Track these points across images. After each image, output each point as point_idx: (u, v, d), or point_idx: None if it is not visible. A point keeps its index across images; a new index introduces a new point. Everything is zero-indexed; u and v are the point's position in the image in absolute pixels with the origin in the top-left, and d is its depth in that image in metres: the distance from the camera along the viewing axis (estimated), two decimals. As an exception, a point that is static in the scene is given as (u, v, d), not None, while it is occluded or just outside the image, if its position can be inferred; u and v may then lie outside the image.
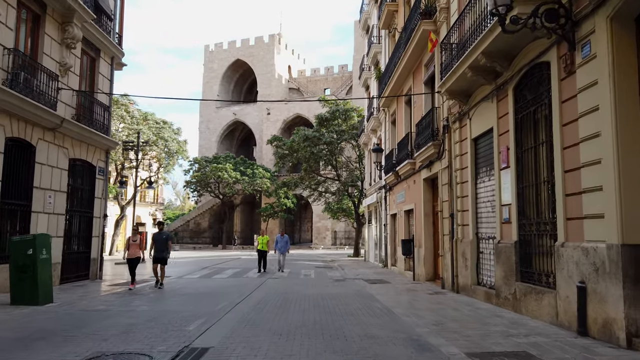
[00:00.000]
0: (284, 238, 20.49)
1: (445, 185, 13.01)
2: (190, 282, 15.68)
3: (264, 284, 14.76)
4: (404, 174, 18.02)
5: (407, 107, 18.76)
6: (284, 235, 20.75)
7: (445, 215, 13.00)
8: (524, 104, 8.64)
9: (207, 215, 70.96)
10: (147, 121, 46.02)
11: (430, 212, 15.39)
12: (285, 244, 20.22)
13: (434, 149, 13.56)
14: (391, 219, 21.83)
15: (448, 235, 12.67)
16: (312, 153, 32.42)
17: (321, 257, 36.56)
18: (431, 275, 15.18)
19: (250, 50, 77.00)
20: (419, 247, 15.92)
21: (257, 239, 20.36)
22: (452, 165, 12.48)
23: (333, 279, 16.98)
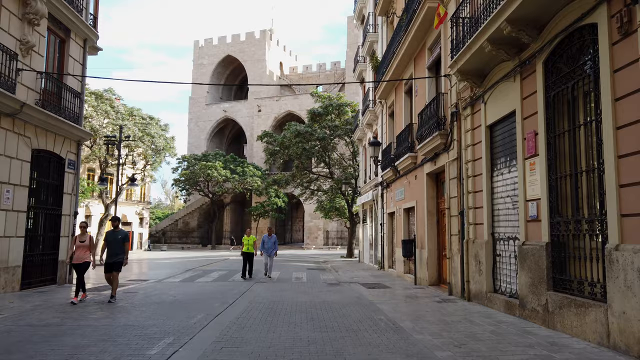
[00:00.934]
0: (272, 238, 17.43)
1: (453, 179, 11.63)
2: (169, 286, 14.18)
3: (250, 290, 13.30)
4: (404, 169, 16.64)
5: (407, 98, 17.38)
6: (271, 234, 17.59)
7: (453, 213, 11.62)
8: (558, 80, 7.26)
9: (196, 215, 69.28)
10: (133, 117, 44.40)
11: (434, 209, 14.02)
12: (273, 245, 17.33)
13: (441, 140, 12.17)
14: (388, 217, 20.44)
15: (457, 235, 11.29)
16: (304, 149, 30.96)
17: (313, 257, 35.14)
18: (435, 279, 13.80)
19: (241, 46, 75.38)
20: (421, 249, 14.54)
21: (243, 240, 17.33)
22: (461, 156, 11.10)
23: (327, 283, 15.56)
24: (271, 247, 17.29)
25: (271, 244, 17.31)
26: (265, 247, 17.33)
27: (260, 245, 17.55)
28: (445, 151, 12.14)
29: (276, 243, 17.49)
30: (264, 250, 17.38)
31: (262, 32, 74.90)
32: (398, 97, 18.46)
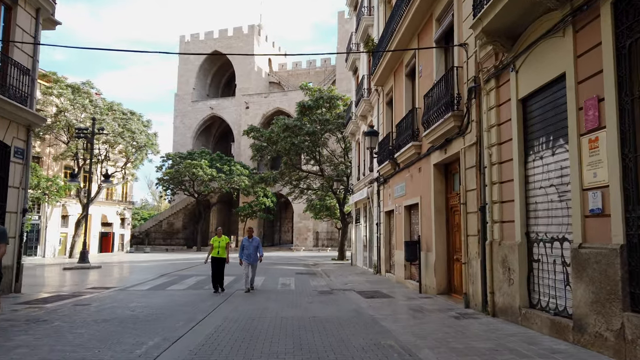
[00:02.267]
0: (254, 242, 13.58)
1: (470, 168, 9.68)
2: (133, 296, 12.07)
3: (227, 301, 11.24)
4: (405, 161, 14.68)
5: (408, 81, 15.43)
6: (252, 237, 13.75)
7: (470, 209, 9.66)
8: (636, 22, 5.33)
9: (181, 215, 66.90)
10: (112, 111, 42.05)
11: (443, 206, 12.06)
12: (255, 251, 13.54)
13: (454, 122, 10.22)
14: (386, 217, 18.48)
15: (476, 236, 9.34)
16: (292, 144, 28.90)
17: (302, 260, 33.11)
18: (444, 287, 11.84)
19: (229, 42, 73.12)
20: (427, 251, 12.58)
21: (211, 241, 13.61)
22: (482, 140, 9.16)
23: (318, 291, 13.55)
24: (253, 252, 13.51)
25: (253, 249, 13.51)
26: (245, 253, 13.45)
27: (240, 251, 13.64)
28: (460, 135, 10.19)
29: (260, 247, 13.70)
30: (244, 257, 13.39)
31: (251, 27, 72.77)
32: (398, 82, 16.51)
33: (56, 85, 38.69)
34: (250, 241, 13.67)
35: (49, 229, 42.78)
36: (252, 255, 13.55)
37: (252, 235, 13.95)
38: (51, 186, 37.73)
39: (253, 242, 13.66)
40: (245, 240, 13.81)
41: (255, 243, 13.69)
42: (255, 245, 13.65)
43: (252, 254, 13.53)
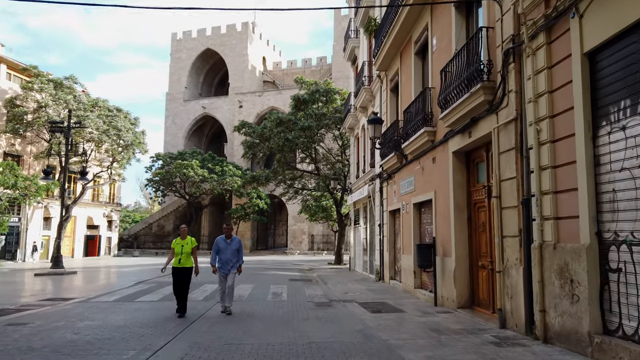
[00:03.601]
0: (233, 243, 9.99)
1: (507, 152, 7.68)
2: (90, 311, 9.98)
3: (202, 318, 9.20)
4: (415, 151, 12.68)
5: (418, 60, 13.45)
6: (231, 236, 10.12)
7: (508, 204, 7.65)
8: None
9: (172, 218, 64.58)
10: (98, 107, 39.87)
11: (464, 202, 10.05)
12: (234, 256, 9.91)
13: (484, 96, 8.22)
14: (390, 217, 16.45)
15: (516, 237, 7.34)
16: (286, 140, 26.81)
17: (297, 264, 31.03)
18: (465, 299, 9.82)
19: (222, 39, 71.06)
20: (444, 256, 10.57)
21: (172, 245, 9.90)
22: (524, 115, 7.17)
23: (314, 303, 11.49)
24: (232, 258, 9.86)
25: (232, 254, 9.86)
26: (221, 259, 9.83)
27: (212, 256, 9.98)
28: (492, 112, 8.18)
29: (241, 251, 10.12)
30: (219, 264, 9.83)
31: (244, 25, 70.72)
32: (405, 63, 14.52)
33: (37, 79, 36.60)
34: (228, 242, 9.93)
35: (29, 232, 40.50)
36: (230, 261, 9.83)
37: (231, 232, 10.20)
38: (30, 186, 35.50)
39: (232, 244, 9.92)
40: (220, 241, 9.95)
41: (235, 245, 9.96)
42: (234, 249, 9.91)
43: (229, 260, 9.82)
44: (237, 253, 10.04)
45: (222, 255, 9.91)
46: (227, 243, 10.01)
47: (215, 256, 9.97)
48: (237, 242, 10.13)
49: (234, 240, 10.12)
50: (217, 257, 9.93)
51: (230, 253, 9.94)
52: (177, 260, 9.76)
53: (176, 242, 9.86)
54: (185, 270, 9.79)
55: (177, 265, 9.76)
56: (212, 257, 10.06)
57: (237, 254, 10.02)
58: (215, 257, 9.97)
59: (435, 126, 11.32)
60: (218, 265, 9.88)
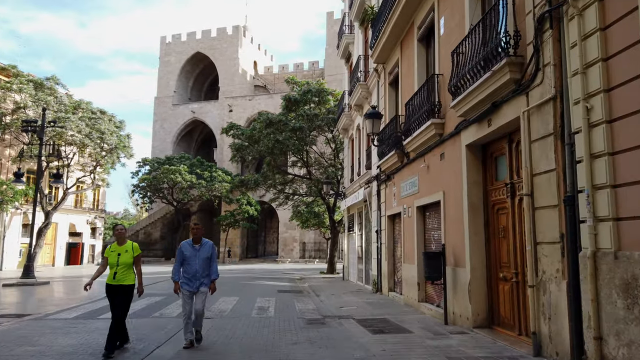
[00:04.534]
0: (203, 249, 7.49)
1: (542, 139, 6.27)
2: (39, 331, 8.42)
3: (168, 342, 7.66)
4: (419, 148, 11.27)
5: (421, 47, 12.08)
6: (201, 239, 7.54)
7: (542, 203, 6.23)
8: None
9: (159, 225, 62.72)
10: (81, 109, 38.19)
11: (480, 202, 8.63)
12: (205, 266, 7.45)
13: (510, 74, 6.81)
14: (389, 222, 15.00)
15: (556, 243, 5.91)
16: (276, 141, 25.33)
17: (288, 273, 29.46)
18: (482, 317, 8.37)
19: (212, 43, 69.69)
20: (456, 266, 9.13)
21: (106, 253, 7.22)
22: (566, 91, 5.78)
23: (305, 320, 9.99)
24: (201, 269, 7.37)
25: (202, 264, 7.39)
26: (187, 271, 7.37)
27: (175, 267, 7.42)
28: (520, 93, 6.78)
29: (214, 260, 7.59)
30: (183, 279, 7.38)
31: (235, 28, 69.44)
32: (406, 52, 13.16)
33: (16, 79, 34.93)
34: (197, 248, 7.39)
35: (7, 239, 38.61)
36: (199, 274, 7.30)
37: (201, 236, 7.52)
38: (6, 190, 33.73)
39: (202, 251, 7.39)
40: (186, 247, 7.42)
41: (206, 252, 7.42)
42: (205, 257, 7.38)
43: (198, 272, 7.30)
44: (210, 263, 7.44)
45: (189, 265, 7.32)
46: (195, 249, 7.38)
47: (178, 267, 7.37)
48: (209, 248, 7.46)
49: (204, 246, 7.44)
50: (182, 269, 7.40)
51: (199, 263, 7.32)
52: (111, 275, 7.03)
53: (110, 250, 7.16)
54: (122, 289, 6.98)
55: (111, 282, 7.01)
56: (174, 268, 7.38)
57: (209, 265, 7.44)
58: (178, 268, 7.37)
59: (444, 117, 9.92)
60: (182, 281, 7.30)
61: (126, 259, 7.06)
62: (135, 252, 7.19)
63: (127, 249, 7.16)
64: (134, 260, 7.13)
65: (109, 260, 7.12)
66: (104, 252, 7.24)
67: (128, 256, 7.09)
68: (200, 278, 7.37)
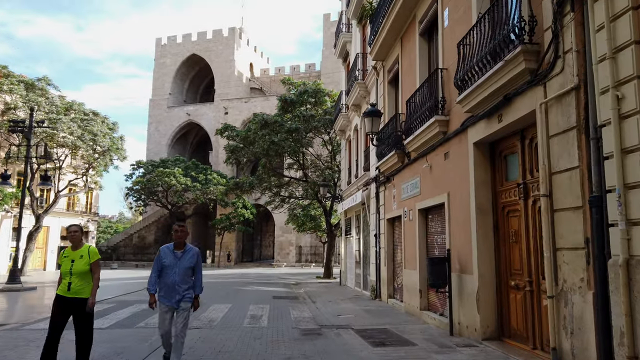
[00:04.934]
0: (186, 256, 6.17)
1: (562, 134, 5.67)
2: (9, 345, 7.77)
3: (152, 356, 7.00)
4: (422, 147, 10.67)
5: (424, 42, 11.50)
6: (184, 244, 6.24)
7: (564, 204, 5.62)
8: None
9: (154, 228, 61.93)
10: (72, 110, 37.51)
11: (489, 204, 8.03)
12: (188, 277, 6.17)
13: (525, 64, 6.21)
14: (388, 225, 14.39)
15: (580, 249, 5.31)
16: (271, 143, 24.69)
17: (283, 278, 28.80)
18: (492, 328, 7.75)
19: (208, 45, 69.06)
20: (462, 273, 8.51)
21: (59, 259, 6.13)
22: (590, 80, 5.19)
23: (300, 330, 9.35)
24: (181, 280, 6.11)
25: (183, 274, 6.13)
26: (166, 282, 6.11)
27: (151, 278, 6.18)
28: (537, 83, 6.18)
29: (199, 270, 6.35)
30: (161, 292, 6.14)
31: (231, 30, 68.85)
32: (407, 48, 12.57)
33: (6, 80, 34.23)
34: (179, 255, 6.12)
35: (-4, 242, 37.84)
36: (180, 287, 6.05)
37: (184, 240, 6.28)
38: (-6, 193, 32.99)
39: (184, 258, 6.12)
40: (165, 253, 6.16)
41: (190, 260, 6.15)
42: (188, 266, 6.12)
43: (179, 284, 6.04)
44: (193, 273, 6.20)
45: (167, 276, 6.04)
46: (175, 256, 6.09)
47: (155, 277, 6.11)
48: (192, 256, 6.19)
49: (188, 253, 6.17)
50: (160, 279, 6.12)
51: (180, 273, 6.05)
52: (65, 286, 5.80)
53: (64, 255, 5.98)
54: (79, 304, 5.79)
55: (64, 294, 5.79)
56: (150, 278, 6.12)
57: (191, 276, 6.18)
58: (155, 278, 6.11)
59: (449, 114, 9.33)
60: (160, 293, 6.06)
61: (80, 267, 5.83)
62: (93, 258, 5.94)
63: (82, 253, 5.92)
64: (91, 267, 5.90)
65: (62, 266, 5.92)
66: (58, 258, 6.15)
67: (83, 263, 5.86)
68: (181, 291, 6.05)
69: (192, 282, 6.24)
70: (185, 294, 6.11)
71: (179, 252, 6.18)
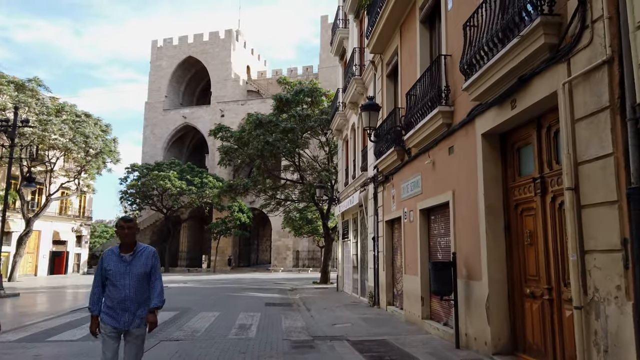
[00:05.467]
0: (138, 260, 4.57)
1: (591, 116, 4.83)
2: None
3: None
4: (424, 141, 9.84)
5: (425, 30, 10.69)
6: (134, 244, 4.62)
7: (593, 199, 4.78)
8: None
9: (149, 233, 60.85)
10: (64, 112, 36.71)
11: (499, 203, 7.19)
12: (142, 287, 4.57)
13: (545, 38, 5.36)
14: (387, 228, 13.55)
15: (615, 252, 4.46)
16: (266, 143, 23.84)
17: (279, 283, 27.91)
18: (504, 341, 6.89)
19: (204, 47, 68.31)
20: (469, 279, 7.67)
21: None
22: (626, 52, 4.37)
23: (291, 343, 8.49)
24: (135, 293, 4.52)
25: (137, 285, 4.54)
26: (112, 296, 4.50)
27: (93, 295, 4.57)
28: (558, 60, 5.35)
29: (157, 275, 4.65)
30: (106, 309, 4.52)
31: (228, 32, 68.14)
32: (407, 37, 11.77)
33: (-4, 81, 33.44)
34: (127, 259, 4.56)
35: (-16, 247, 36.76)
36: (132, 302, 4.52)
37: (135, 240, 4.68)
38: (-18, 196, 32.02)
39: (136, 263, 4.57)
40: (110, 258, 4.58)
41: (143, 265, 4.58)
42: (140, 272, 4.56)
43: (130, 298, 4.52)
44: (150, 281, 4.64)
45: (114, 288, 4.50)
46: (123, 261, 4.53)
47: (99, 292, 4.59)
48: (147, 258, 4.62)
49: (141, 255, 4.61)
50: (104, 293, 4.58)
51: (132, 283, 4.52)
52: None
53: None
54: None
55: None
56: (92, 294, 4.58)
57: (147, 284, 4.63)
58: (99, 294, 4.59)
59: (453, 104, 8.51)
60: (105, 311, 4.53)
61: None
62: None
63: None
64: None
65: None
66: None
67: None
68: (133, 308, 4.51)
69: (148, 294, 4.63)
70: (139, 312, 4.53)
71: (127, 256, 4.55)
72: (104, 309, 4.55)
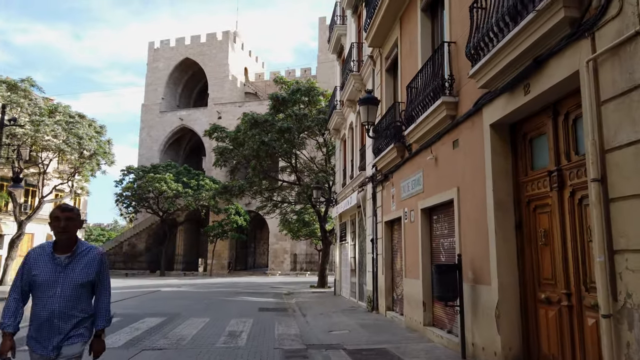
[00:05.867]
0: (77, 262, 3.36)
1: (619, 97, 4.21)
2: None
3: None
4: (425, 136, 9.22)
5: (426, 18, 10.10)
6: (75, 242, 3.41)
7: (624, 192, 4.15)
8: None
9: (145, 236, 60.18)
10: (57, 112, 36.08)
11: (509, 199, 6.57)
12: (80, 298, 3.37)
13: (565, 12, 4.73)
14: (387, 229, 12.91)
15: (652, 251, 3.84)
16: (262, 143, 23.21)
17: (276, 287, 27.22)
18: (517, 351, 6.26)
19: (201, 49, 67.75)
20: (476, 283, 7.05)
21: None
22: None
23: (282, 352, 7.85)
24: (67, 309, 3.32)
25: (72, 297, 3.33)
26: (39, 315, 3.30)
27: (8, 307, 3.33)
28: (580, 36, 4.74)
29: (105, 285, 3.53)
30: (29, 332, 3.35)
31: (225, 34, 67.60)
32: (407, 28, 11.17)
33: (-13, 80, 32.82)
34: (63, 261, 3.36)
35: (-25, 251, 36.17)
36: (64, 318, 3.32)
37: (76, 236, 3.48)
38: (-28, 199, 31.42)
39: (75, 267, 3.38)
40: (37, 259, 3.37)
41: (86, 272, 3.40)
42: (80, 282, 3.37)
43: (60, 314, 3.31)
44: (92, 290, 3.53)
45: (42, 301, 3.33)
46: (57, 264, 3.36)
47: (16, 302, 3.39)
48: (91, 263, 3.45)
49: (81, 257, 3.43)
50: (32, 310, 3.40)
51: (66, 295, 3.34)
52: None
53: None
54: None
55: None
56: (7, 304, 3.37)
57: (89, 294, 3.51)
58: (16, 304, 3.38)
59: (458, 95, 7.90)
60: (29, 333, 3.39)
61: None
62: None
63: None
64: None
65: None
66: None
67: None
68: (66, 328, 3.35)
69: (89, 307, 3.51)
70: (73, 332, 3.36)
71: (63, 257, 3.37)
72: (31, 331, 3.36)
